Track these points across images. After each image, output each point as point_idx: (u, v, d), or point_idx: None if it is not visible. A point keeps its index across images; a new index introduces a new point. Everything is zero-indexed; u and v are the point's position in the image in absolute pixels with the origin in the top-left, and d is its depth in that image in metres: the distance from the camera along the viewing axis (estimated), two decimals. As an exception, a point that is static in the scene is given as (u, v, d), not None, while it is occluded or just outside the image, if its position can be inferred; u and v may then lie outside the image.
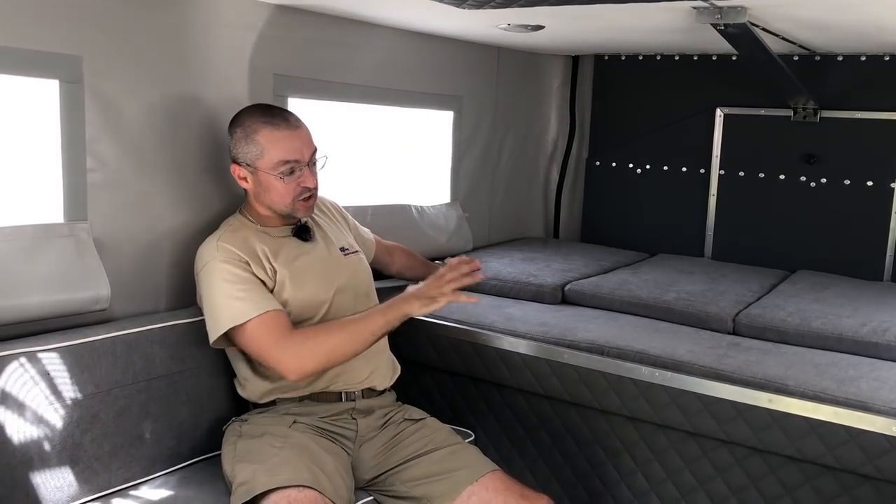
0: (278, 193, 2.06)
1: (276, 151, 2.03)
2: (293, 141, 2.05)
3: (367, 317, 1.99)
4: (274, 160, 2.03)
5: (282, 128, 2.05)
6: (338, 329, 1.99)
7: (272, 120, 2.05)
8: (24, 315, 1.89)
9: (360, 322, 1.99)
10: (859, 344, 2.35)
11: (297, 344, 1.94)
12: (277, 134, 2.04)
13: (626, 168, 3.79)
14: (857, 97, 3.18)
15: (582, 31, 2.96)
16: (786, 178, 3.38)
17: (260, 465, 1.86)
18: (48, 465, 1.83)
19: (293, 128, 2.06)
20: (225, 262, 1.99)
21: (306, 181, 2.07)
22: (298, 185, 2.06)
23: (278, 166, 2.03)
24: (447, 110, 3.34)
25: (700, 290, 2.79)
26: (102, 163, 2.05)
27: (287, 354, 1.94)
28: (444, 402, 2.67)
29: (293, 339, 1.95)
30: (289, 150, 2.04)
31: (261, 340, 1.95)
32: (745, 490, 2.20)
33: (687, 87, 3.58)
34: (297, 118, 2.10)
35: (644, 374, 2.25)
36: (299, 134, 2.07)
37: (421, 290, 2.00)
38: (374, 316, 1.99)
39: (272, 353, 1.95)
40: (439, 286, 1.98)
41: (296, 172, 2.05)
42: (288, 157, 2.03)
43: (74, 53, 1.96)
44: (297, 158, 2.04)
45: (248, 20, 2.38)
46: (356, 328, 1.98)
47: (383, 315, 1.99)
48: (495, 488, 1.95)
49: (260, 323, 1.94)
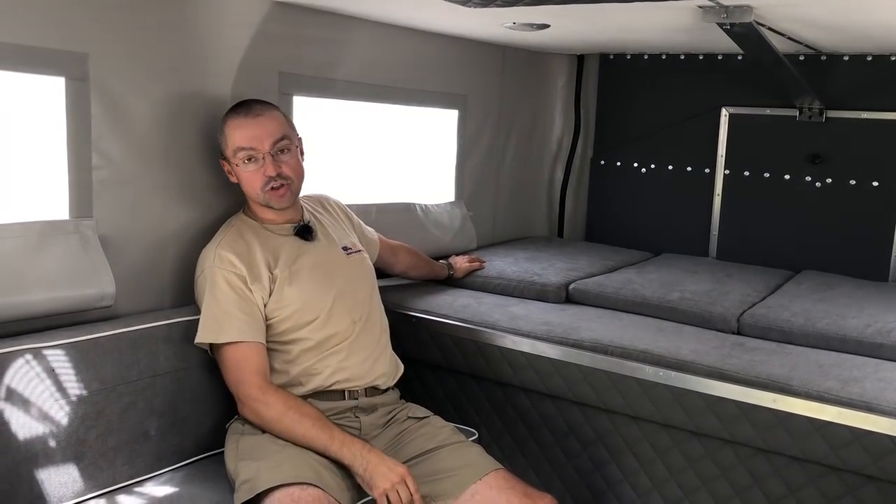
0: (246, 182, 2.11)
1: (233, 139, 2.09)
2: (250, 129, 2.07)
3: (331, 432, 1.92)
4: (233, 147, 2.09)
5: (241, 116, 2.09)
6: (302, 426, 1.92)
7: (236, 109, 2.12)
8: (30, 312, 1.89)
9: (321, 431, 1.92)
10: (864, 344, 2.34)
11: (255, 404, 1.96)
12: (236, 122, 2.09)
13: (630, 167, 3.79)
14: (863, 97, 3.17)
15: (587, 31, 2.95)
16: (791, 179, 3.38)
17: (263, 463, 1.86)
18: (53, 462, 1.83)
19: (252, 116, 2.09)
20: (223, 270, 2.02)
21: (267, 170, 2.08)
22: (264, 175, 2.08)
23: (236, 153, 2.09)
24: (452, 109, 3.34)
25: (704, 289, 2.79)
26: (108, 160, 2.06)
27: (245, 403, 1.98)
28: (447, 401, 2.67)
29: (252, 396, 1.96)
30: (243, 137, 2.07)
31: (230, 369, 2.00)
32: (748, 490, 2.20)
33: (692, 86, 3.57)
34: (263, 108, 2.12)
35: (648, 374, 2.25)
36: (259, 121, 2.08)
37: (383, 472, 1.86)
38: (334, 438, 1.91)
39: (235, 389, 2.00)
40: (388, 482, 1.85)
41: (256, 161, 2.08)
42: (243, 144, 2.07)
43: (81, 51, 1.96)
44: (253, 146, 2.07)
45: (253, 18, 2.38)
46: (313, 433, 1.92)
47: (343, 446, 1.90)
48: (498, 487, 1.95)
49: (236, 351, 1.99)
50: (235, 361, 1.99)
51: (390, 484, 1.84)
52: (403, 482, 1.85)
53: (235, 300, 2.01)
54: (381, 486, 1.84)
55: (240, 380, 1.99)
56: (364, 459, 1.88)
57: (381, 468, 1.86)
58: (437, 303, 2.73)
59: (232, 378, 2.01)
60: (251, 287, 2.03)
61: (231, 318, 2.00)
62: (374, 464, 1.87)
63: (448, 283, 2.94)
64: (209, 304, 2.02)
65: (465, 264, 2.97)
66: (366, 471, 1.87)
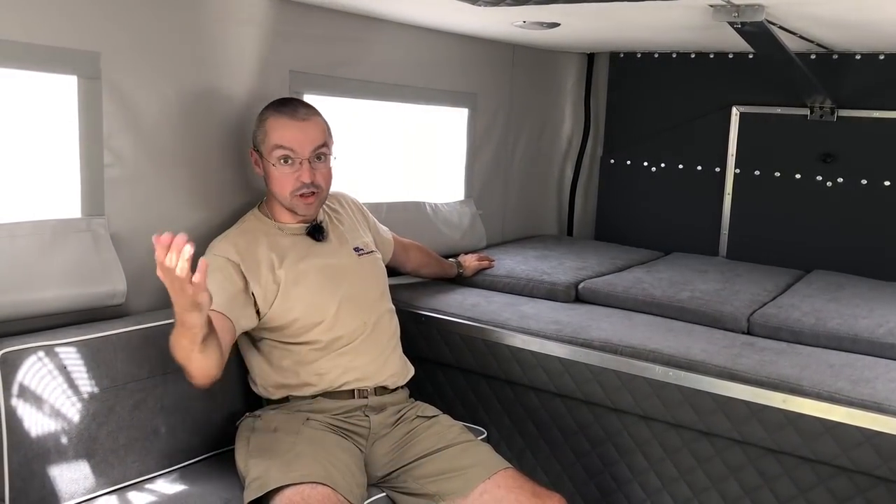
0: (276, 182, 2.09)
1: (273, 136, 2.08)
2: (292, 130, 2.07)
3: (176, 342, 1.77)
4: (271, 144, 2.08)
5: (286, 115, 2.09)
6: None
7: (281, 108, 2.11)
8: (42, 309, 1.91)
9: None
10: (875, 345, 2.33)
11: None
12: (280, 121, 2.08)
13: (640, 166, 3.78)
14: (875, 96, 3.16)
15: (597, 29, 2.95)
16: (802, 178, 3.36)
17: (273, 461, 1.87)
18: (64, 458, 1.84)
19: (298, 119, 2.09)
20: (215, 258, 2.00)
21: (303, 176, 2.07)
22: (297, 180, 2.07)
23: (274, 151, 2.07)
24: (462, 107, 3.34)
25: (714, 289, 2.78)
26: (120, 158, 2.07)
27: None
28: (456, 400, 2.67)
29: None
30: (285, 137, 2.06)
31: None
32: (758, 490, 2.19)
33: (702, 85, 3.56)
34: (308, 113, 2.12)
35: (657, 374, 2.25)
36: (302, 126, 2.08)
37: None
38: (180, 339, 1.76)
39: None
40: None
41: (292, 163, 2.07)
42: (283, 143, 2.06)
43: (93, 50, 1.97)
44: (293, 147, 2.06)
45: (264, 17, 2.38)
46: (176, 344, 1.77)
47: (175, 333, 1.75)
48: (507, 486, 1.95)
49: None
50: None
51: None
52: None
53: (218, 279, 1.92)
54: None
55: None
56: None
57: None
58: (446, 301, 2.74)
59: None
60: (243, 274, 2.00)
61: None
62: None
63: (457, 281, 2.94)
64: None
65: (475, 263, 2.97)
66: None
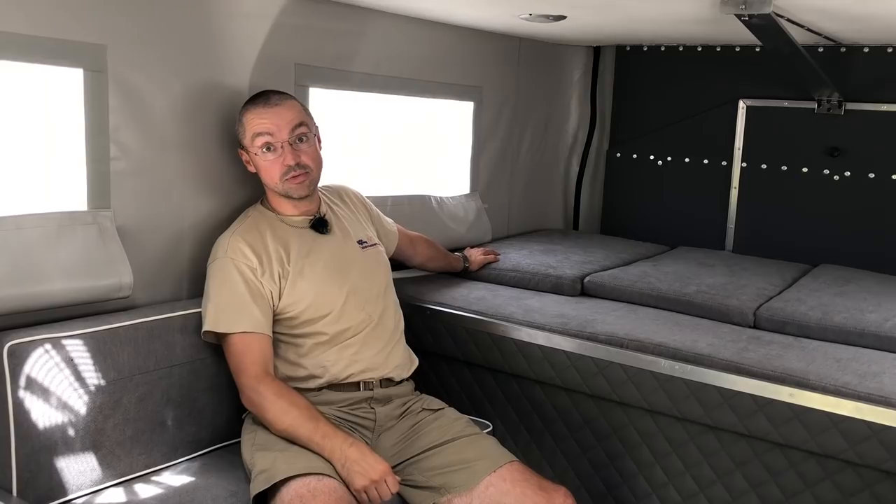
0: (265, 172, 2.11)
1: (251, 127, 2.09)
2: (268, 117, 2.08)
3: (315, 428, 1.89)
4: (251, 135, 2.09)
5: (259, 105, 2.10)
6: (289, 416, 1.91)
7: (254, 100, 2.13)
8: (49, 302, 1.91)
9: (307, 424, 1.90)
10: (882, 339, 2.32)
11: (252, 394, 1.96)
12: (254, 111, 2.10)
13: (646, 160, 3.77)
14: (883, 89, 3.14)
15: (604, 22, 2.94)
16: (809, 171, 3.35)
17: (280, 454, 1.87)
18: (71, 450, 1.85)
19: (270, 105, 2.10)
20: (233, 263, 2.03)
21: (287, 159, 2.08)
22: (283, 164, 2.08)
23: (254, 140, 2.09)
24: (467, 101, 3.33)
25: (721, 283, 2.78)
26: (126, 151, 2.07)
27: (244, 392, 1.99)
28: (462, 393, 2.67)
29: (249, 386, 1.96)
30: (261, 124, 2.08)
31: (233, 359, 2.01)
32: (764, 484, 2.19)
33: (709, 78, 3.55)
34: (281, 98, 2.12)
35: (664, 367, 2.25)
36: (277, 110, 2.09)
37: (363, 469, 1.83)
38: (320, 433, 1.88)
39: (236, 378, 2.01)
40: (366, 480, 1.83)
41: (274, 150, 2.08)
42: (261, 130, 2.08)
43: (99, 42, 1.97)
44: (270, 132, 2.07)
45: (270, 10, 2.38)
46: (300, 424, 1.90)
47: (325, 438, 1.87)
48: (513, 479, 1.95)
49: (240, 341, 1.99)
50: (239, 351, 2.00)
51: (368, 481, 1.81)
52: (383, 480, 1.82)
53: (246, 291, 2.01)
54: (358, 484, 1.81)
55: (239, 369, 1.99)
56: (343, 454, 1.84)
57: (360, 465, 1.82)
58: (452, 295, 2.73)
59: (233, 366, 2.01)
60: (261, 280, 2.04)
61: (241, 309, 2.00)
62: (352, 460, 1.83)
63: (463, 275, 2.94)
64: (219, 294, 2.02)
65: (481, 257, 2.97)
66: (343, 466, 1.84)
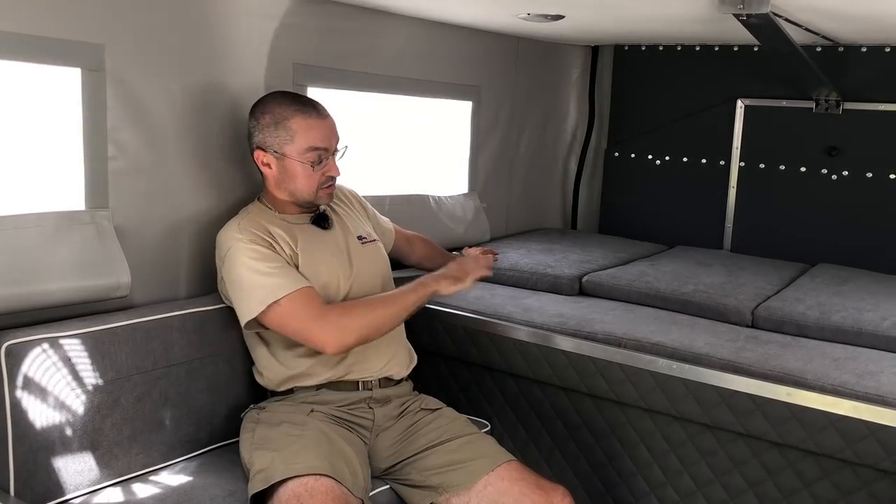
0: (303, 181, 2.08)
1: (306, 138, 2.06)
2: (323, 129, 2.08)
3: (399, 293, 2.07)
4: (303, 147, 2.06)
5: (313, 116, 2.08)
6: (374, 304, 2.05)
7: (303, 108, 2.09)
8: (46, 301, 1.91)
9: (394, 298, 2.07)
10: (880, 338, 2.33)
11: (337, 318, 1.98)
12: (309, 121, 2.07)
13: (645, 159, 3.77)
14: (881, 89, 3.15)
15: (602, 21, 2.94)
16: (807, 171, 3.35)
17: (278, 454, 1.87)
18: (69, 450, 1.85)
19: (323, 117, 2.10)
20: (250, 242, 2.00)
21: (331, 170, 2.10)
22: (323, 175, 2.09)
23: (306, 153, 2.06)
24: (466, 100, 3.33)
25: (719, 282, 2.78)
26: (123, 151, 2.06)
27: (327, 328, 1.96)
28: (460, 392, 2.67)
29: (333, 314, 1.98)
30: (318, 137, 2.07)
31: (298, 316, 1.96)
32: (762, 484, 2.19)
33: (707, 77, 3.55)
34: (324, 108, 2.14)
35: (661, 367, 2.25)
36: (328, 123, 2.11)
37: (450, 270, 2.13)
38: (406, 293, 2.07)
39: (312, 329, 1.96)
40: (465, 268, 2.13)
41: (322, 161, 2.08)
42: (318, 145, 2.07)
43: (96, 42, 1.96)
44: (326, 146, 2.08)
45: (268, 9, 2.38)
46: (391, 304, 2.05)
47: (414, 292, 2.06)
48: (511, 478, 1.95)
49: (295, 299, 1.96)
50: (292, 310, 1.95)
51: (463, 273, 2.12)
52: (477, 259, 2.22)
53: (273, 258, 1.99)
54: (465, 280, 2.11)
55: (305, 323, 1.95)
56: (438, 281, 2.08)
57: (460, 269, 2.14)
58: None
59: (296, 329, 1.97)
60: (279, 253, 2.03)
61: (278, 275, 1.97)
62: (443, 278, 2.09)
63: (461, 274, 2.94)
64: (250, 276, 1.97)
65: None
66: (448, 286, 2.09)
